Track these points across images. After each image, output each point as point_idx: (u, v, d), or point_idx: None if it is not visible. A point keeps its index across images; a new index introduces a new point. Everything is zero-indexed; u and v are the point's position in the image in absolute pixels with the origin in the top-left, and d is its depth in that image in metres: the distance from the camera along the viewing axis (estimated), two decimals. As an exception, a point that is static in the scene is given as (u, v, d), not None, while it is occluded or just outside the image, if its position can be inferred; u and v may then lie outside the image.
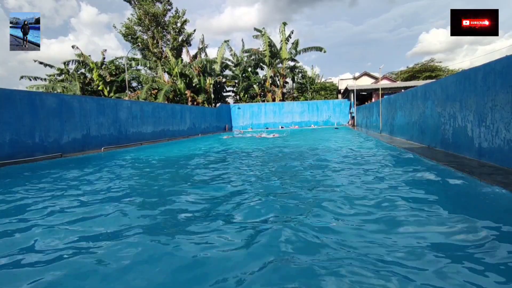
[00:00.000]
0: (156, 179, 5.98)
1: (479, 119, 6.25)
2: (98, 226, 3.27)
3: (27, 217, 3.69)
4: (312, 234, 2.83)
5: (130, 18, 31.69)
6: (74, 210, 3.89)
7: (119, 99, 17.00)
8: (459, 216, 3.18)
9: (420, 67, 43.62)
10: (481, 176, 4.70)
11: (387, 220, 3.16)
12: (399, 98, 13.03)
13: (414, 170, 5.70)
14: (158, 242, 2.79)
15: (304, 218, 3.31)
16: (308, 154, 9.01)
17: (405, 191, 4.32)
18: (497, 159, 5.63)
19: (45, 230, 3.20)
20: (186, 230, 3.11)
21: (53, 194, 4.87)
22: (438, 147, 8.46)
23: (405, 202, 3.71)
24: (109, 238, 2.95)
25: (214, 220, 3.34)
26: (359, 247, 2.55)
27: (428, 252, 2.41)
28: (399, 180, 4.99)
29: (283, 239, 2.67)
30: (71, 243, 2.84)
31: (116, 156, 10.27)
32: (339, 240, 2.71)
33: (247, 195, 4.38)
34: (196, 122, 22.58)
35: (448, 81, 7.89)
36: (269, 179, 5.50)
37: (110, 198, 4.53)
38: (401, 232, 2.89)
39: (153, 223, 3.36)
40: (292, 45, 32.53)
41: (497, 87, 5.56)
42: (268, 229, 2.98)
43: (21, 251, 2.71)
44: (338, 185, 4.77)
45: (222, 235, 2.92)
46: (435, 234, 2.79)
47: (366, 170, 5.98)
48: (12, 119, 8.95)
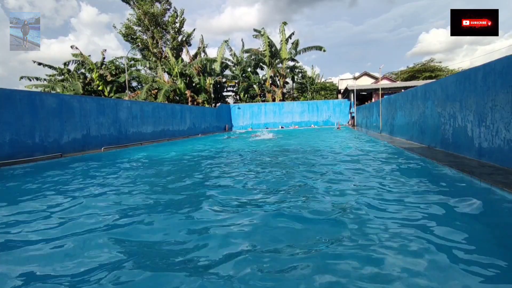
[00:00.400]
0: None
1: (479, 119, 6.25)
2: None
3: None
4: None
5: (130, 19, 31.69)
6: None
7: (119, 99, 17.00)
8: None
9: (420, 67, 43.62)
10: (481, 176, 4.70)
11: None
12: (399, 98, 13.03)
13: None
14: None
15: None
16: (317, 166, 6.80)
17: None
18: (497, 159, 5.62)
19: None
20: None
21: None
22: (438, 147, 8.45)
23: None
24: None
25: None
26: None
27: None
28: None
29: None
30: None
31: (124, 156, 10.26)
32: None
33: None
34: (196, 122, 22.58)
35: (448, 81, 7.89)
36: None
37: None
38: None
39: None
40: (292, 45, 32.52)
41: (497, 87, 5.56)
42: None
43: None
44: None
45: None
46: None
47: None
48: (12, 119, 8.94)
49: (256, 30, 32.50)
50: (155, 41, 31.88)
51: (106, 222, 3.40)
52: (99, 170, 7.33)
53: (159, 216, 3.61)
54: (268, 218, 3.34)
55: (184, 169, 7.25)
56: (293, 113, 31.02)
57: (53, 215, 3.76)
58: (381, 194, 4.24)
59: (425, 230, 2.88)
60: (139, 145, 14.64)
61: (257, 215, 3.44)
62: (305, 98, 38.12)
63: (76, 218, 3.62)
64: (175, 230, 3.15)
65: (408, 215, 3.34)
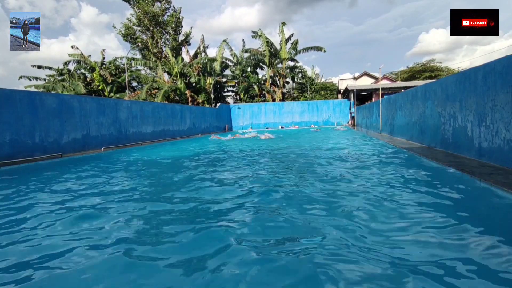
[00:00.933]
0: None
1: (479, 119, 6.25)
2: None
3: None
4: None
5: (130, 18, 31.70)
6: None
7: (119, 99, 16.99)
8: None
9: (420, 67, 43.59)
10: (481, 176, 4.70)
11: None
12: (399, 98, 13.03)
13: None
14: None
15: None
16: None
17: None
18: (497, 159, 5.62)
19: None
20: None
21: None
22: (438, 147, 8.46)
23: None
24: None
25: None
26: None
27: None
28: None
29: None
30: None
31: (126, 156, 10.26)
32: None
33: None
34: (196, 122, 22.58)
35: (448, 81, 7.89)
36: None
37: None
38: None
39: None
40: (292, 45, 32.52)
41: (497, 87, 5.56)
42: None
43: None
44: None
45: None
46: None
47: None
48: (12, 119, 8.94)
49: (254, 32, 32.55)
50: (155, 41, 31.89)
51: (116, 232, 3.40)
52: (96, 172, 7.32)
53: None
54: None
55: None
56: (293, 113, 31.03)
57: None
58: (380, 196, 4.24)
59: (425, 229, 2.89)
60: (139, 145, 14.64)
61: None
62: (305, 98, 38.11)
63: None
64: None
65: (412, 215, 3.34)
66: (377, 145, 10.74)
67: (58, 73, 30.21)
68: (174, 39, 31.78)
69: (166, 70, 29.67)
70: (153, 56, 31.64)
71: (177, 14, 31.97)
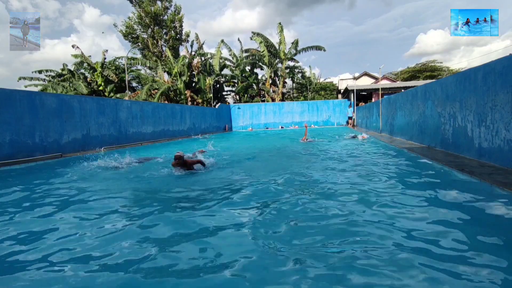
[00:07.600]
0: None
1: (479, 119, 6.25)
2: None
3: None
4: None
5: (131, 17, 31.71)
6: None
7: (119, 99, 17.00)
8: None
9: (420, 67, 43.62)
10: (481, 176, 4.70)
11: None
12: (399, 98, 13.03)
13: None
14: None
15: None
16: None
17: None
18: (497, 159, 5.63)
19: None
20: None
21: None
22: (438, 147, 8.46)
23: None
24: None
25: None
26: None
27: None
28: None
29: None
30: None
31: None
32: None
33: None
34: (196, 122, 22.58)
35: (448, 81, 7.89)
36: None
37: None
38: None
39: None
40: (292, 45, 32.52)
41: (497, 87, 5.56)
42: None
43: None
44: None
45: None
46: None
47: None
48: (12, 119, 8.94)
49: (254, 33, 32.47)
50: (155, 41, 31.90)
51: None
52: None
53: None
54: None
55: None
56: (293, 113, 31.03)
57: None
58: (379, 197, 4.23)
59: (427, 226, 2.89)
60: (139, 145, 14.64)
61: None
62: (304, 98, 38.13)
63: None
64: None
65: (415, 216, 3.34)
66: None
67: (58, 74, 30.23)
68: (175, 38, 31.79)
69: (166, 70, 29.68)
70: (153, 56, 31.65)
71: (178, 12, 31.97)
